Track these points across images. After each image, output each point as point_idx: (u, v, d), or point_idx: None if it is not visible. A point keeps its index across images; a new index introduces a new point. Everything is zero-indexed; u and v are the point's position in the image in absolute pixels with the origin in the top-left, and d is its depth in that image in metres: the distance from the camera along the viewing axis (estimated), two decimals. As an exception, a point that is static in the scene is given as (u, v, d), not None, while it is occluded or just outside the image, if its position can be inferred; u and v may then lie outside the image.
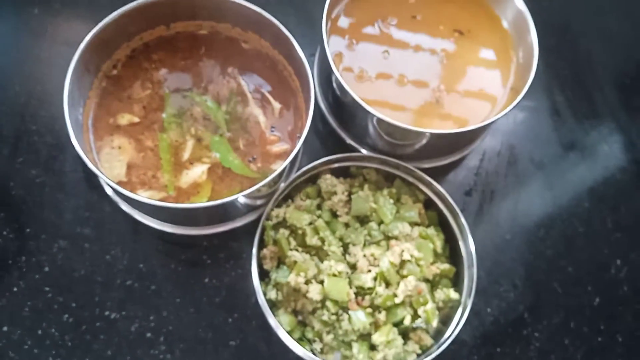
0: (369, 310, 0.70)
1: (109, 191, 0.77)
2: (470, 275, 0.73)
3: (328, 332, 0.71)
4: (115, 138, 0.73)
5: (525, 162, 0.90)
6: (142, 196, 0.69)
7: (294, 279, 0.69)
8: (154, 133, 0.74)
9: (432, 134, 0.73)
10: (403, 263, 0.72)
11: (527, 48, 0.78)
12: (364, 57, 0.80)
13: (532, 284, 0.82)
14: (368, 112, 0.71)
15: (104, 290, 0.75)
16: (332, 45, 0.79)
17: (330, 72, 0.73)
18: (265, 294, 0.71)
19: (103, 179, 0.65)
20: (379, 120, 0.72)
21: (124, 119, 0.74)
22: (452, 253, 0.78)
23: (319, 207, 0.77)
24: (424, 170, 0.79)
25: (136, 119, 0.74)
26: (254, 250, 0.72)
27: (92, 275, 0.76)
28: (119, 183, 0.71)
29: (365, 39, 0.80)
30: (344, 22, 0.81)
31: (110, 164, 0.72)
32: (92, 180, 0.79)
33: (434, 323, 0.71)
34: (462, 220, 0.74)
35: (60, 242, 0.77)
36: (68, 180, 0.80)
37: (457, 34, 0.82)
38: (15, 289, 0.75)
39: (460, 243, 0.76)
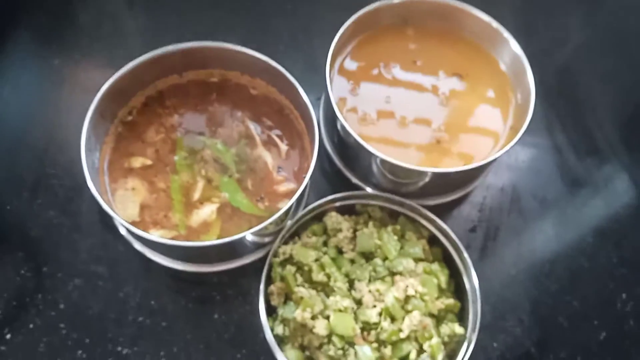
0: (375, 345, 0.72)
1: (122, 231, 0.80)
2: (475, 310, 0.75)
3: (335, 367, 0.72)
4: (129, 180, 0.77)
5: (529, 198, 0.91)
6: (154, 235, 0.73)
7: (300, 314, 0.71)
8: (166, 175, 0.77)
9: (434, 173, 0.75)
10: (408, 298, 0.73)
11: (524, 90, 0.81)
12: (366, 100, 0.83)
13: (538, 319, 0.83)
14: (371, 153, 0.74)
15: (116, 326, 0.78)
16: (336, 89, 0.83)
17: (335, 115, 0.77)
18: (272, 330, 0.73)
19: (117, 220, 0.68)
20: (382, 161, 0.75)
21: (138, 162, 0.78)
22: (457, 288, 0.79)
23: (325, 244, 0.79)
24: (428, 207, 0.81)
25: (149, 162, 0.78)
26: (262, 287, 0.74)
27: (105, 312, 0.78)
28: (133, 223, 0.74)
29: (368, 84, 0.84)
30: (347, 67, 0.85)
31: (124, 205, 0.75)
32: (106, 220, 0.83)
33: (440, 358, 0.72)
34: (466, 255, 0.76)
35: (76, 280, 0.80)
36: (84, 221, 0.83)
37: (457, 77, 0.86)
38: (31, 326, 0.77)
39: (465, 278, 0.77)
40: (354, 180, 0.87)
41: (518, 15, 1.04)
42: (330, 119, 0.85)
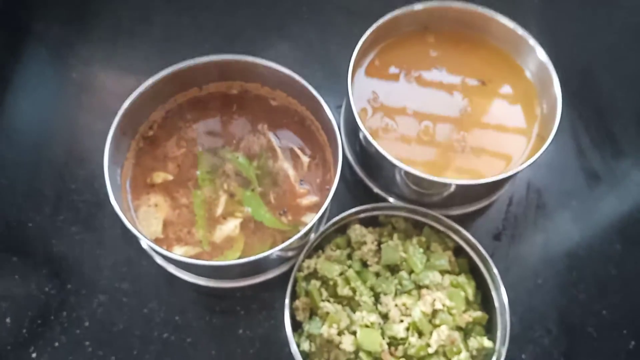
0: (403, 360, 0.71)
1: (145, 247, 0.80)
2: (504, 323, 0.73)
3: (363, 383, 0.71)
4: (151, 196, 0.76)
5: (553, 205, 0.90)
6: (177, 253, 0.72)
7: (326, 330, 0.70)
8: (188, 190, 0.77)
9: (459, 184, 0.74)
10: (435, 312, 0.73)
11: (550, 98, 0.79)
12: (388, 109, 0.82)
13: (566, 329, 0.82)
14: (394, 165, 0.73)
15: (142, 343, 0.77)
16: (357, 99, 0.82)
17: (357, 126, 0.76)
18: (298, 346, 0.72)
19: (141, 238, 0.67)
20: (406, 172, 0.74)
21: (159, 177, 0.77)
22: (483, 299, 0.78)
23: (349, 256, 0.79)
24: (453, 217, 0.80)
25: (170, 177, 0.77)
26: (287, 302, 0.73)
27: (130, 328, 0.78)
28: (156, 240, 0.74)
29: (389, 92, 0.83)
30: (368, 76, 0.84)
31: (147, 221, 0.75)
32: (129, 236, 0.82)
33: (468, 372, 0.71)
34: (494, 270, 0.75)
35: (100, 296, 0.80)
36: (106, 237, 0.83)
37: (480, 84, 0.84)
38: (56, 344, 0.77)
39: (493, 291, 0.76)
40: (376, 190, 0.86)
41: (540, 16, 1.02)
42: (352, 128, 0.84)
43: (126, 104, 0.73)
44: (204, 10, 1.02)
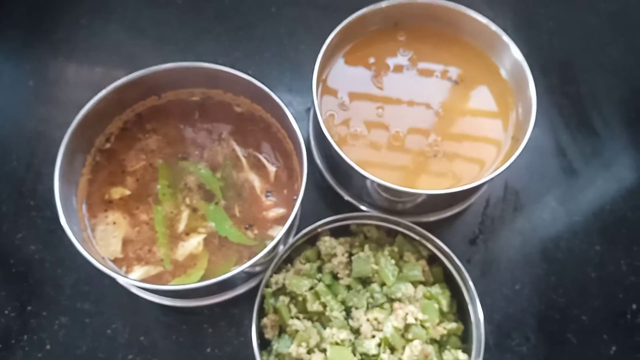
0: (375, 377, 0.69)
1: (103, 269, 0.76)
2: (479, 336, 0.71)
3: (334, 403, 0.69)
4: (109, 214, 0.73)
5: (532, 206, 0.87)
6: (138, 274, 0.70)
7: (295, 349, 0.68)
8: (148, 206, 0.73)
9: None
10: (408, 327, 0.70)
11: (526, 100, 0.75)
12: (357, 113, 0.78)
13: (545, 336, 0.80)
14: (362, 175, 0.70)
15: (106, 366, 0.75)
16: (325, 105, 0.78)
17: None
18: (267, 365, 0.70)
19: (93, 263, 0.64)
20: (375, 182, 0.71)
21: (117, 193, 0.74)
22: (459, 308, 0.76)
23: (319, 269, 0.76)
24: (428, 223, 0.77)
25: (127, 192, 0.74)
26: (254, 320, 0.70)
27: (94, 351, 0.75)
28: (115, 260, 0.70)
29: (358, 96, 0.79)
30: (336, 79, 0.80)
31: (105, 240, 0.72)
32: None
33: (443, 387, 0.69)
34: (470, 282, 0.72)
35: (62, 318, 0.77)
36: (67, 254, 0.79)
37: (454, 84, 0.81)
38: (18, 369, 0.74)
39: (468, 303, 0.74)
40: (347, 198, 0.82)
41: (515, 9, 0.98)
42: (321, 133, 0.80)
43: (79, 115, 0.69)
44: (166, 7, 0.97)
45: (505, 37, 0.77)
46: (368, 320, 0.71)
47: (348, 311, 0.73)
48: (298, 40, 0.96)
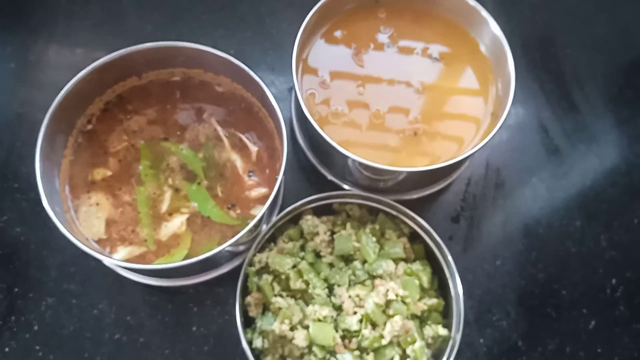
0: (357, 352, 0.70)
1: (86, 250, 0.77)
2: (458, 311, 0.72)
3: (317, 378, 0.70)
4: (92, 195, 0.73)
5: (513, 183, 0.88)
6: (122, 254, 0.70)
7: (278, 326, 0.69)
8: (130, 187, 0.74)
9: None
10: (389, 303, 0.71)
11: (505, 76, 0.75)
12: (338, 92, 0.78)
13: (525, 311, 0.81)
14: (343, 153, 0.70)
15: (93, 345, 0.76)
16: (306, 84, 0.78)
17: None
18: (251, 343, 0.71)
19: (77, 244, 0.64)
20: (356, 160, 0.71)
21: (100, 174, 0.74)
22: (441, 284, 0.77)
23: (302, 248, 0.77)
24: (410, 201, 0.78)
25: (109, 173, 0.74)
26: (237, 298, 0.71)
27: (80, 331, 0.76)
28: (99, 241, 0.71)
29: (339, 74, 0.79)
30: (316, 58, 0.80)
31: (89, 222, 0.72)
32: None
33: (423, 361, 0.70)
34: (449, 257, 0.73)
35: (48, 299, 0.77)
36: (52, 236, 0.80)
37: (434, 59, 0.81)
38: (7, 349, 0.75)
39: (448, 278, 0.75)
40: (330, 177, 0.83)
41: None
42: (302, 113, 0.80)
43: (59, 97, 0.69)
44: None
45: (484, 12, 0.77)
46: (350, 297, 0.72)
47: (330, 288, 0.74)
48: (280, 19, 0.95)
